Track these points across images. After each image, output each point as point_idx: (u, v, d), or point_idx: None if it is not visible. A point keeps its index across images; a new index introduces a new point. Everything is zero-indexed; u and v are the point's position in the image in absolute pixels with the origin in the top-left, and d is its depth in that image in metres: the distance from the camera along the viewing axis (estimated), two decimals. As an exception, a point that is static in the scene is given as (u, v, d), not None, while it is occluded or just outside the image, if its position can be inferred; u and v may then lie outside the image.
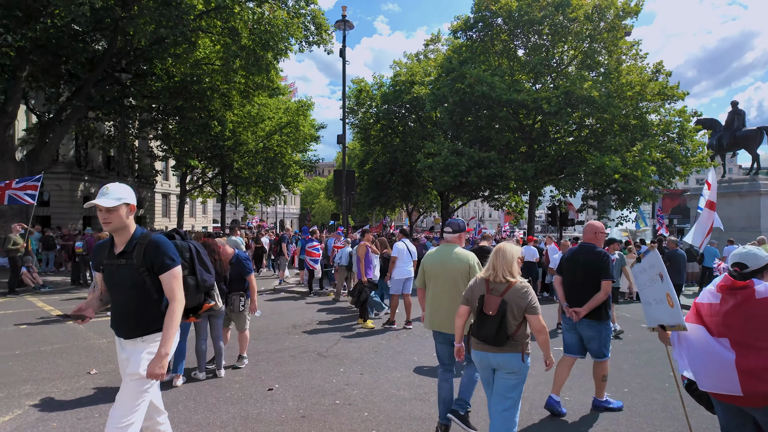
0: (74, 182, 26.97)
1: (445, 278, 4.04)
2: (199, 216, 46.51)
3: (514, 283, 3.25)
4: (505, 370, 3.26)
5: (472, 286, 3.47)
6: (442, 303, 4.03)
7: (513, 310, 3.20)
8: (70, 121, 17.11)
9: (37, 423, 4.18)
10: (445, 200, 29.94)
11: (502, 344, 3.20)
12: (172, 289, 2.70)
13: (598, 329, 4.59)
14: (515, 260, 3.34)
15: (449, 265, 4.05)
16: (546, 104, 19.05)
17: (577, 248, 4.83)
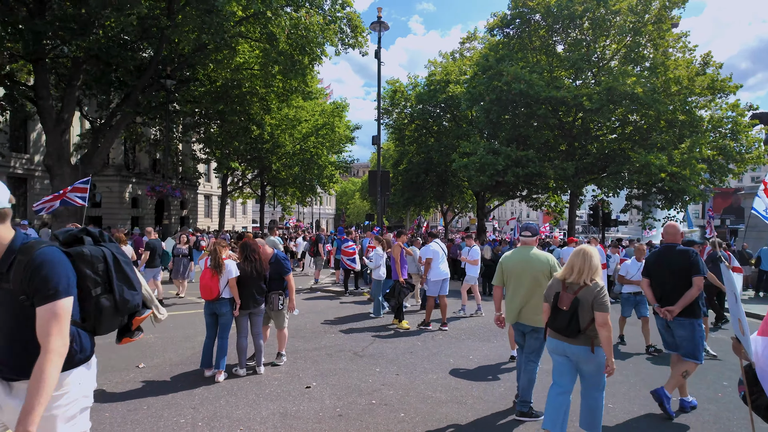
0: (123, 184, 28.36)
1: (527, 276, 4.43)
2: (239, 216, 47.88)
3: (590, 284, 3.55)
4: (584, 362, 3.62)
5: (550, 284, 3.87)
6: (522, 298, 4.44)
7: (585, 307, 3.51)
8: (119, 126, 18.01)
9: (91, 413, 4.40)
10: (480, 200, 29.51)
11: (574, 336, 3.56)
12: (47, 332, 1.82)
13: (691, 328, 4.61)
14: (600, 266, 3.63)
15: (531, 265, 4.45)
16: (587, 101, 18.46)
17: (662, 249, 4.94)
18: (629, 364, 6.53)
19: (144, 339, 7.32)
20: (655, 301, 4.81)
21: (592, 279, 3.55)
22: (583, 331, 3.52)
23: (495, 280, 4.76)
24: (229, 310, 5.56)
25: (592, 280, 3.55)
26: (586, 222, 41.93)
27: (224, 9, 13.82)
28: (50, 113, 16.01)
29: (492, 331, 8.48)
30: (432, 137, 30.09)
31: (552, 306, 3.71)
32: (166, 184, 17.80)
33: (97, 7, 13.52)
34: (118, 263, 2.32)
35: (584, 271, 3.58)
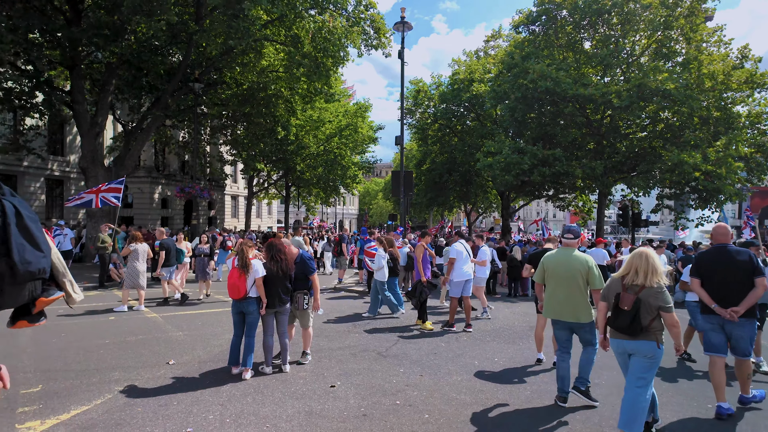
0: (153, 185, 29.20)
1: (567, 275, 4.81)
2: (264, 217, 48.65)
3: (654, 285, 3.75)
4: (641, 355, 3.81)
5: (609, 285, 4.06)
6: (561, 296, 4.83)
7: (647, 307, 3.72)
8: (150, 129, 18.55)
9: (124, 407, 4.57)
10: (505, 200, 29.14)
11: (636, 334, 3.76)
12: None
13: (751, 328, 4.69)
14: (661, 268, 3.81)
15: (571, 265, 4.81)
16: (616, 98, 18.00)
17: (717, 249, 4.83)
18: (659, 370, 6.33)
19: (174, 336, 7.52)
20: (713, 302, 4.70)
21: (655, 280, 3.75)
22: (645, 328, 3.74)
23: (536, 277, 5.19)
24: (256, 309, 5.65)
25: (655, 281, 3.74)
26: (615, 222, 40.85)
27: (250, 13, 14.06)
28: (85, 117, 16.62)
29: (517, 333, 8.36)
30: (455, 137, 29.89)
31: (613, 306, 3.90)
32: (194, 185, 18.24)
33: (129, 13, 13.96)
34: (21, 218, 1.86)
35: (648, 273, 3.78)
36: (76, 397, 4.79)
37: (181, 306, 10.27)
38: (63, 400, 4.70)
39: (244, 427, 4.18)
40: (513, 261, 13.91)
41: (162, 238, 11.12)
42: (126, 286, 9.88)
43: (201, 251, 11.55)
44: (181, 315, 9.32)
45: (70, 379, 5.34)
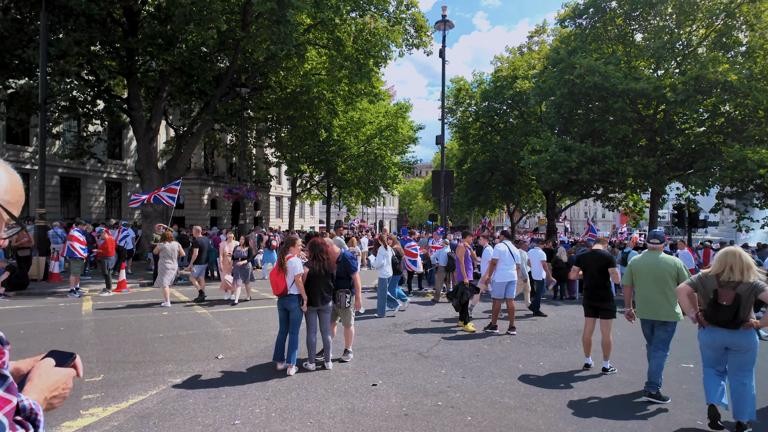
0: (203, 187, 30.48)
1: (656, 277, 5.22)
2: (307, 217, 49.66)
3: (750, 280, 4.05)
4: (740, 346, 4.13)
5: (702, 281, 4.32)
6: (651, 296, 5.23)
7: (746, 301, 4.02)
8: (200, 133, 19.38)
9: (177, 398, 4.79)
10: (551, 200, 28.27)
11: (738, 327, 4.07)
12: None
13: None
14: (752, 263, 4.13)
15: (659, 267, 5.24)
16: (670, 92, 17.06)
17: None
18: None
19: (222, 331, 7.81)
20: None
21: (749, 276, 4.05)
22: (745, 320, 4.06)
23: (624, 280, 5.61)
24: (298, 306, 5.78)
25: (750, 276, 4.05)
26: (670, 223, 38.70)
27: (294, 19, 14.39)
28: (141, 123, 17.58)
29: (564, 337, 8.09)
30: (498, 135, 29.32)
31: (711, 302, 4.18)
32: (241, 187, 18.87)
33: (182, 23, 14.63)
34: None
35: (744, 269, 4.08)
36: (134, 387, 5.07)
37: (228, 303, 10.64)
38: (122, 390, 4.99)
39: (288, 421, 4.28)
40: (558, 263, 13.49)
41: (198, 236, 11.57)
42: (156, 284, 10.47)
43: (239, 254, 10.54)
44: (229, 311, 9.66)
45: (128, 370, 5.66)
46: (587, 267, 6.34)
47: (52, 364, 1.14)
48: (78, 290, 11.20)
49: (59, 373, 1.12)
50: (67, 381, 1.14)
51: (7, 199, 1.02)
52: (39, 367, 1.12)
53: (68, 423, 4.12)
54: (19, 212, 1.05)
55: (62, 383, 1.12)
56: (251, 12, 16.30)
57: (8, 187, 1.02)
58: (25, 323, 7.96)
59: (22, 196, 1.06)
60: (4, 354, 0.94)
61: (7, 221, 1.03)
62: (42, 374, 1.10)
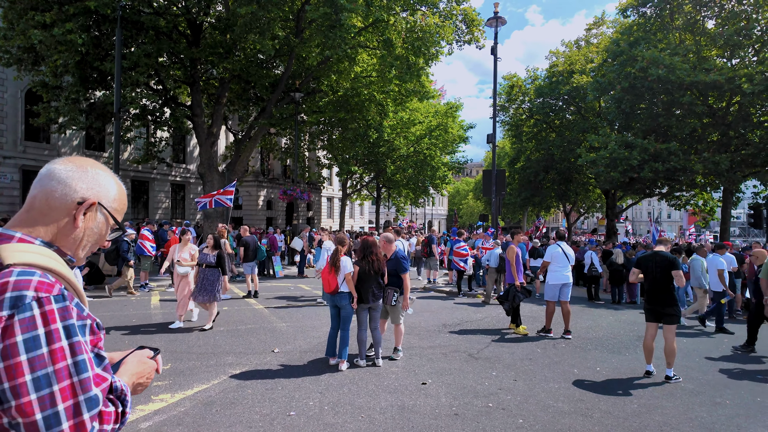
0: (259, 189, 31.75)
1: None
2: (357, 217, 50.38)
3: None
4: None
5: None
6: None
7: None
8: (257, 137, 20.21)
9: (237, 388, 5.07)
10: (611, 199, 26.92)
11: None
12: None
13: None
14: None
15: None
16: (746, 83, 15.75)
17: None
18: (805, 394, 5.45)
19: (278, 326, 8.13)
20: None
21: None
22: None
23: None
24: (348, 303, 5.93)
25: None
26: (745, 223, 35.59)
27: (346, 22, 14.67)
28: (203, 128, 18.60)
29: (623, 343, 7.73)
30: (553, 132, 28.34)
31: None
32: (295, 188, 19.51)
33: (241, 32, 15.36)
34: None
35: None
36: (198, 377, 5.42)
37: (282, 300, 11.05)
38: (187, 378, 5.35)
39: (341, 415, 4.41)
40: (613, 265, 12.88)
41: (245, 235, 12.08)
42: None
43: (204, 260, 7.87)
44: (284, 308, 10.04)
45: (192, 360, 6.04)
46: (648, 269, 6.03)
47: (145, 354, 1.29)
48: (147, 285, 12.05)
49: (146, 363, 1.27)
50: (152, 372, 1.28)
51: (114, 206, 1.19)
52: (135, 355, 1.27)
53: (141, 406, 4.48)
54: (121, 218, 1.22)
55: (147, 373, 1.27)
56: (305, 18, 16.80)
57: (116, 196, 1.20)
58: (102, 315, 8.69)
59: (125, 205, 1.24)
60: (100, 338, 1.09)
61: (112, 225, 1.20)
62: (134, 361, 1.25)
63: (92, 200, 1.13)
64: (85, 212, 1.12)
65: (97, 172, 1.17)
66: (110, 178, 1.20)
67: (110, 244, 1.29)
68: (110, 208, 1.17)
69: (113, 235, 1.22)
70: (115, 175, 1.23)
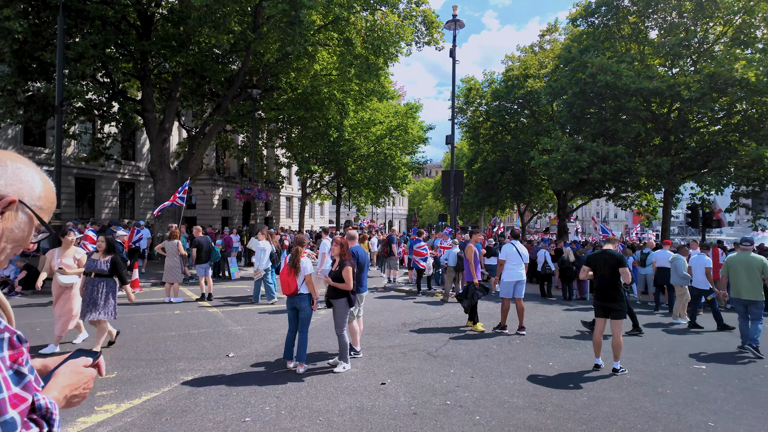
0: (214, 188, 30.78)
1: (748, 270, 7.39)
2: (317, 216, 49.88)
3: None
4: None
5: None
6: (744, 283, 7.40)
7: None
8: (212, 134, 19.58)
9: (189, 395, 4.87)
10: (562, 199, 28.04)
11: None
12: None
13: None
14: None
15: (751, 263, 7.41)
16: (685, 90, 16.81)
17: None
18: (734, 380, 5.87)
19: (233, 330, 7.90)
20: None
21: None
22: None
23: (722, 271, 7.87)
24: (308, 305, 5.83)
25: None
26: (683, 223, 38.06)
27: (306, 19, 14.47)
28: (154, 124, 17.82)
29: (574, 338, 8.04)
30: (508, 134, 29.16)
31: None
32: (253, 187, 19.04)
33: (196, 25, 14.82)
34: None
35: None
36: (146, 384, 5.16)
37: (240, 302, 10.75)
38: (135, 386, 5.08)
39: (298, 419, 4.32)
40: (564, 263, 13.40)
41: (197, 236, 11.71)
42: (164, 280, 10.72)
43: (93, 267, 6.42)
44: (240, 311, 9.77)
45: (141, 368, 5.76)
46: (597, 267, 6.30)
47: (81, 363, 1.17)
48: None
49: (82, 373, 1.16)
50: (89, 381, 1.17)
51: (39, 205, 1.06)
52: (68, 364, 1.15)
53: (83, 418, 4.22)
54: (49, 218, 1.10)
55: (84, 383, 1.16)
56: (262, 13, 16.44)
57: (42, 194, 1.07)
58: (41, 320, 8.13)
59: (54, 203, 1.11)
60: (22, 353, 0.97)
61: (37, 226, 1.08)
62: (67, 372, 1.13)
63: (11, 198, 1.01)
64: (2, 211, 1.00)
65: (18, 167, 1.04)
66: (34, 174, 1.07)
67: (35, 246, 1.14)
68: (34, 207, 1.04)
69: (40, 237, 1.10)
70: (41, 171, 1.10)
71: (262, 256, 10.67)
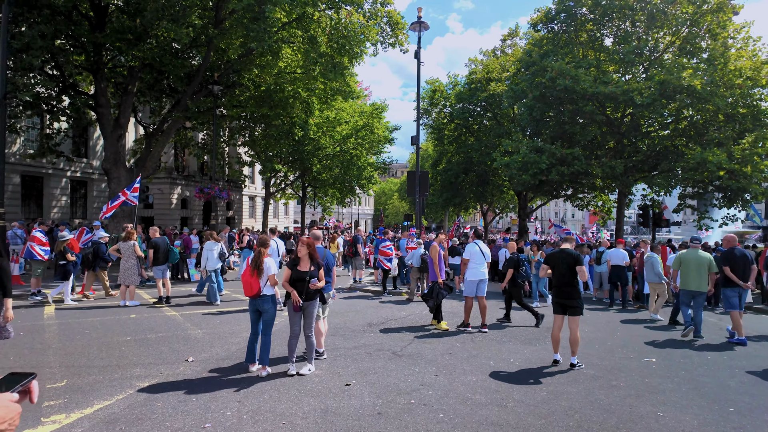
0: (173, 186, 29.75)
1: (697, 265, 8.45)
2: (281, 217, 49.10)
3: None
4: None
5: None
6: (693, 276, 8.44)
7: None
8: (170, 131, 18.90)
9: (145, 402, 4.68)
10: (522, 200, 28.83)
11: None
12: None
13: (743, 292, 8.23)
14: None
15: (700, 258, 8.45)
16: (637, 96, 17.63)
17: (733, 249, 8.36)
18: (681, 371, 6.21)
19: (193, 334, 7.66)
20: (740, 281, 8.18)
21: None
22: None
23: (674, 265, 8.83)
24: (272, 307, 5.73)
25: None
26: (635, 222, 39.98)
27: (270, 15, 14.20)
28: (108, 120, 17.03)
29: (534, 334, 8.28)
30: (472, 136, 29.69)
31: None
32: (213, 186, 18.53)
33: (153, 18, 14.26)
34: None
35: None
36: (99, 392, 4.93)
37: (201, 305, 10.44)
38: (86, 395, 4.84)
39: (260, 423, 4.24)
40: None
41: (154, 236, 11.35)
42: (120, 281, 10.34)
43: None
44: (200, 314, 9.48)
45: (93, 375, 5.49)
46: (556, 266, 6.50)
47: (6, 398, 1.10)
48: (40, 293, 10.78)
49: (6, 408, 1.09)
50: (14, 418, 1.10)
51: None
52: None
53: (29, 431, 3.98)
54: None
55: (9, 419, 1.08)
56: (225, 8, 16.02)
57: None
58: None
59: None
60: None
61: None
62: None
63: None
64: None
65: None
66: None
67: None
68: None
69: None
70: None
71: (208, 255, 10.68)
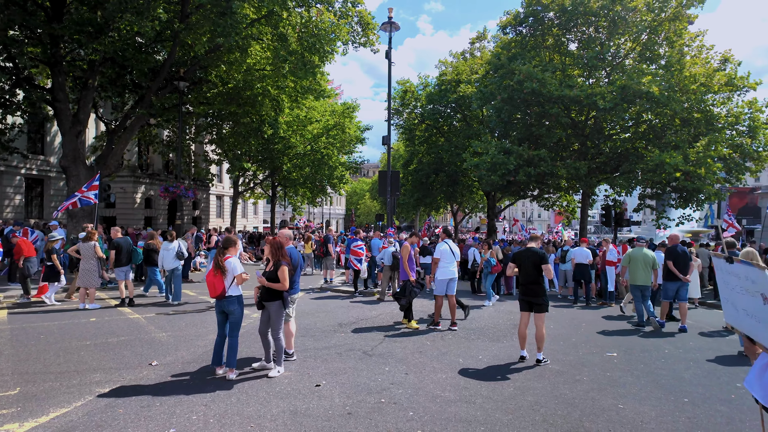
0: (137, 185, 28.76)
1: (643, 262, 9.26)
2: (250, 216, 48.24)
3: None
4: None
5: None
6: (640, 273, 9.25)
7: None
8: (133, 128, 18.24)
9: (105, 408, 4.51)
10: (491, 200, 29.36)
11: None
12: None
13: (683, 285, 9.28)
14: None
15: (646, 256, 9.27)
16: (600, 100, 18.25)
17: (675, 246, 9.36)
18: (640, 365, 6.47)
19: (157, 337, 7.43)
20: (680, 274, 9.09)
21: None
22: None
23: (624, 262, 9.66)
24: (238, 308, 5.62)
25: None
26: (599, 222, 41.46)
27: (238, 11, 13.92)
28: (67, 115, 16.27)
29: (501, 331, 8.45)
30: (442, 137, 30.01)
31: None
32: (179, 185, 18.01)
33: (114, 11, 13.73)
34: None
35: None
36: (56, 400, 4.71)
37: (167, 307, 10.15)
38: (41, 403, 4.62)
39: (228, 426, 4.16)
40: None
41: (116, 237, 11.03)
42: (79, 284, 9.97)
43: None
44: (164, 316, 9.21)
45: (50, 381, 5.25)
46: (522, 264, 6.66)
47: None
48: (-9, 297, 10.22)
49: None
50: None
51: None
52: None
53: (-22, 442, 3.77)
54: None
55: None
56: (191, 2, 15.60)
57: None
58: (-73, 335, 7.16)
59: None
60: None
61: None
62: None
63: None
64: None
65: None
66: None
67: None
68: None
69: None
70: None
71: (164, 255, 10.83)
